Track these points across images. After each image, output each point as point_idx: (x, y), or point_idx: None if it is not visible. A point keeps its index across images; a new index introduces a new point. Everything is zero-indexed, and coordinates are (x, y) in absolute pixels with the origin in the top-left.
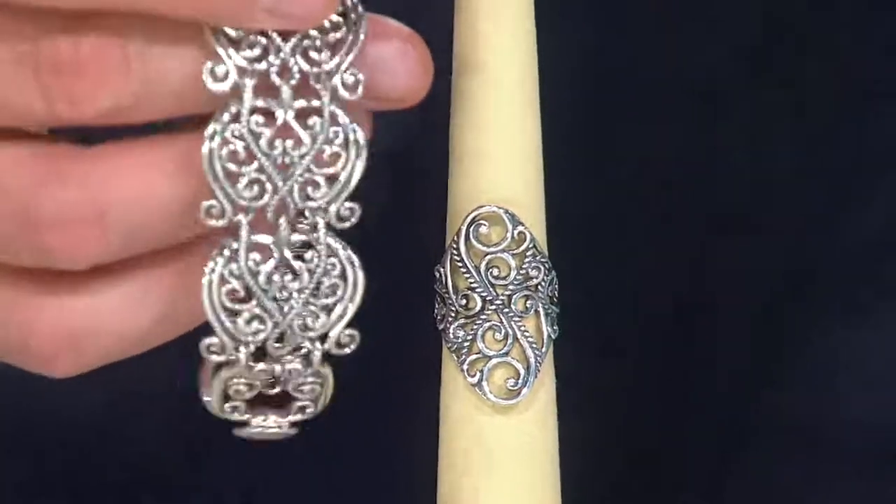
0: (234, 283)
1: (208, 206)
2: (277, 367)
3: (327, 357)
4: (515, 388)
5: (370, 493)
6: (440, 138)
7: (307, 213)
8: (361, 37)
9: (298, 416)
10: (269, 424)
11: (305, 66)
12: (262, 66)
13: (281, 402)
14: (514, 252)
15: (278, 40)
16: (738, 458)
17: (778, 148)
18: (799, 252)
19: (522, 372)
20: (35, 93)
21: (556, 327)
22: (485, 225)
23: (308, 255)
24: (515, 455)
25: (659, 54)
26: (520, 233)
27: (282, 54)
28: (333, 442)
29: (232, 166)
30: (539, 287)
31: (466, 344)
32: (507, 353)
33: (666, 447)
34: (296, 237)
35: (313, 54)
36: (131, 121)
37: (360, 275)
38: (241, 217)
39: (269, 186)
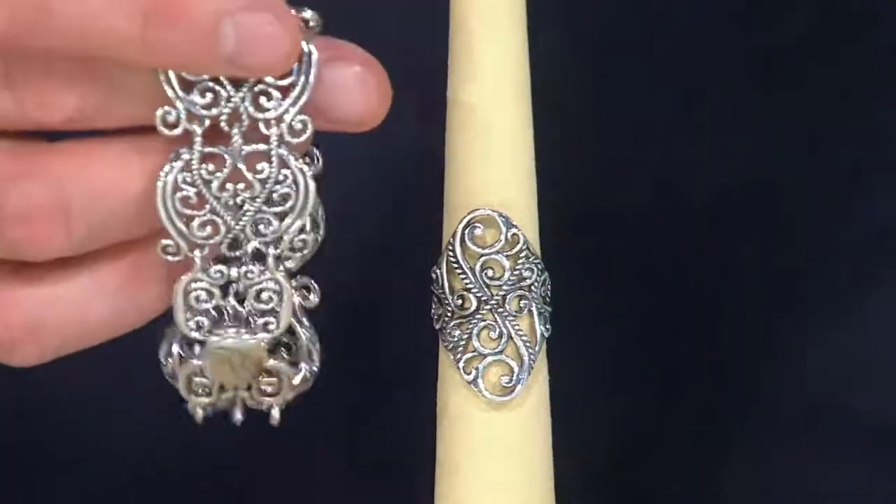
0: (188, 191)
1: (163, 112)
2: (234, 271)
3: (281, 262)
4: (510, 385)
5: (369, 488)
6: (437, 143)
7: (261, 125)
8: (311, 80)
9: (262, 334)
10: (231, 335)
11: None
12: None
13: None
14: (508, 254)
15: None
16: (737, 452)
17: (777, 148)
18: (798, 246)
19: (517, 369)
20: (8, 98)
21: (548, 326)
22: (479, 227)
23: (259, 165)
24: (510, 449)
25: (655, 55)
26: (513, 235)
27: (233, 101)
28: (332, 438)
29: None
30: (532, 287)
31: (462, 343)
32: (501, 352)
33: (661, 442)
34: (248, 148)
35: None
36: (98, 125)
37: (311, 183)
38: (195, 126)
39: (223, 95)
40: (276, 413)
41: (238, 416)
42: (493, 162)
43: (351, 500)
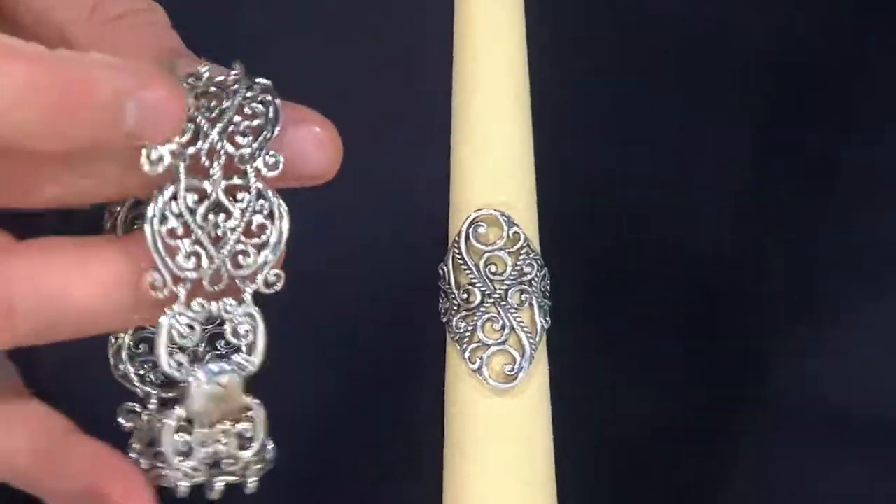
0: (174, 222)
1: (148, 150)
2: (214, 306)
3: (258, 300)
4: (512, 373)
5: (382, 469)
6: (440, 148)
7: (237, 162)
8: (279, 121)
9: (236, 372)
10: (212, 368)
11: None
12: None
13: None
14: (510, 250)
15: (205, 126)
16: (736, 451)
17: (780, 150)
18: (798, 246)
19: (519, 358)
20: None
21: (548, 319)
22: (483, 226)
23: (240, 195)
24: (513, 433)
25: (654, 56)
26: (514, 233)
27: (210, 139)
28: (344, 424)
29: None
30: (532, 282)
31: (468, 334)
32: (504, 342)
33: (657, 436)
34: (227, 182)
35: (238, 138)
36: (77, 206)
37: (286, 216)
38: (178, 162)
39: (201, 131)
40: (252, 485)
41: (217, 487)
42: (495, 165)
43: (365, 481)
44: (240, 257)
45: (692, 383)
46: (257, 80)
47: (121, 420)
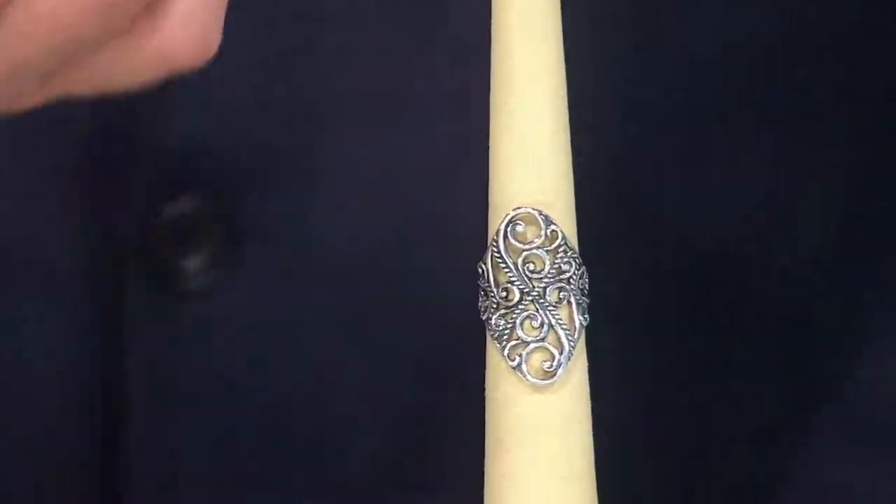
0: None
1: None
2: None
3: None
4: (552, 369)
5: (422, 463)
6: (477, 149)
7: None
8: None
9: None
10: None
11: None
12: None
13: None
14: (548, 249)
15: None
16: (739, 451)
17: (827, 155)
18: (818, 252)
19: (557, 355)
20: None
21: (587, 316)
22: (521, 224)
23: None
24: (553, 428)
25: (694, 60)
26: (552, 231)
27: None
28: (386, 418)
29: None
30: (571, 280)
31: (507, 331)
32: (543, 339)
33: (699, 426)
34: None
35: None
36: None
37: None
38: None
39: None
40: None
41: None
42: (533, 164)
43: (406, 473)
44: None
45: (732, 381)
46: None
47: None
